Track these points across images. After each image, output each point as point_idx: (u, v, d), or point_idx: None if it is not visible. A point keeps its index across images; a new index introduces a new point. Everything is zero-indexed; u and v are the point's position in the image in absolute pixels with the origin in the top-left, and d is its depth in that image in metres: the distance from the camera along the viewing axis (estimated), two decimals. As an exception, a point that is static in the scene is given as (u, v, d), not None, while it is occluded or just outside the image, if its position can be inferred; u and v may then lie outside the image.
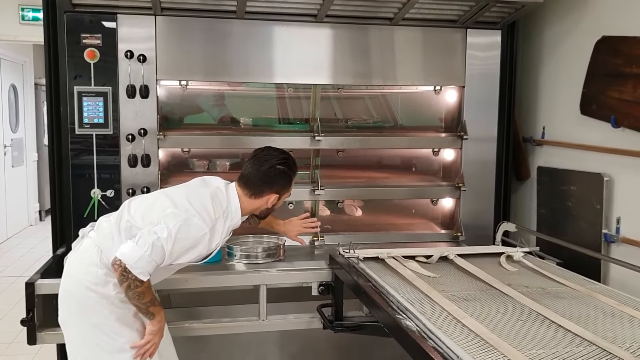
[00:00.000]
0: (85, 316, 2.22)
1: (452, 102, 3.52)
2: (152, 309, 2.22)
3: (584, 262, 2.82)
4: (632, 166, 2.76)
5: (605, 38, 2.93)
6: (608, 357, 1.62)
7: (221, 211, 2.29)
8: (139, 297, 2.15)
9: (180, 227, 2.15)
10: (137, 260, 2.09)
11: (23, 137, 8.04)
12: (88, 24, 2.96)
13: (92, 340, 2.22)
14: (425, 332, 1.81)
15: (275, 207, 2.51)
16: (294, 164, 2.49)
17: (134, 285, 2.12)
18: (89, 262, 2.23)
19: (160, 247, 2.11)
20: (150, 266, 2.11)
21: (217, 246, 2.30)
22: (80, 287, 2.22)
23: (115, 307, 2.22)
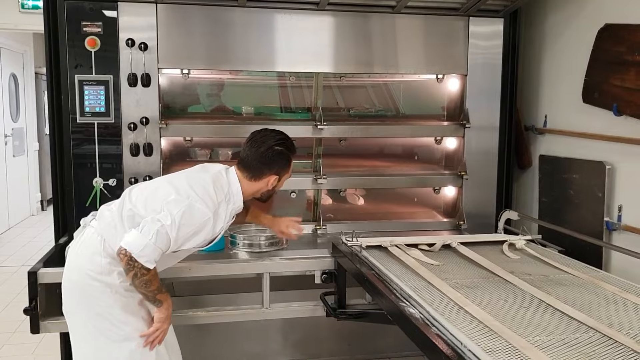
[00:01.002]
0: (90, 305, 2.22)
1: (455, 91, 3.51)
2: (160, 296, 2.21)
3: (586, 250, 2.83)
4: (634, 154, 2.76)
5: (608, 26, 2.91)
6: (610, 343, 1.63)
7: (223, 195, 2.27)
8: (146, 285, 2.14)
9: (184, 213, 2.13)
10: (142, 248, 2.07)
11: (24, 127, 8.01)
12: (88, 11, 2.94)
13: (97, 329, 2.22)
14: (429, 319, 1.82)
15: (277, 188, 2.49)
16: (291, 145, 2.47)
17: (140, 274, 2.11)
18: (92, 251, 2.22)
19: (164, 234, 2.10)
20: (156, 254, 2.11)
21: (222, 230, 2.29)
22: (84, 277, 2.21)
23: (120, 296, 2.21)
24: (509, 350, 1.55)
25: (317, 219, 3.39)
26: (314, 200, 3.49)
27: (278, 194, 3.49)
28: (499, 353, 1.53)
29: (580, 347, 1.59)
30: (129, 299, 2.23)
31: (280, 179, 2.44)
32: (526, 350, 1.54)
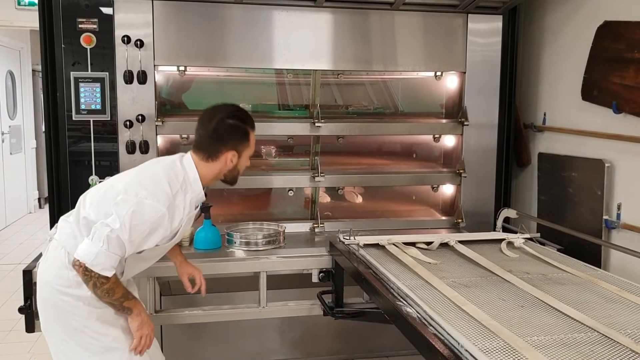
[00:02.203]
0: (66, 321, 2.11)
1: (453, 88, 3.49)
2: (127, 303, 2.10)
3: (585, 248, 2.82)
4: (633, 152, 2.75)
5: (607, 23, 2.90)
6: (608, 343, 1.62)
7: (178, 185, 2.10)
8: (109, 294, 2.04)
9: (134, 213, 1.99)
10: (94, 257, 1.96)
11: (21, 124, 8.00)
12: (84, 8, 2.93)
13: (78, 344, 2.12)
14: (426, 318, 1.81)
15: (241, 167, 2.27)
16: (245, 115, 2.27)
17: (99, 283, 2.00)
18: (58, 265, 2.12)
19: (116, 239, 1.98)
20: (111, 260, 1.99)
21: (182, 223, 2.14)
22: (54, 292, 2.11)
23: (93, 308, 2.11)
24: (506, 350, 1.54)
25: (314, 217, 3.38)
26: (311, 198, 3.47)
27: (276, 192, 3.49)
28: (496, 353, 1.52)
29: (579, 347, 1.58)
30: (103, 309, 2.12)
31: (241, 155, 2.23)
32: (524, 350, 1.53)
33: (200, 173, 2.19)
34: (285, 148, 3.52)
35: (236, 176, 2.29)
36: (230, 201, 3.49)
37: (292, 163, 3.50)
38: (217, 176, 2.25)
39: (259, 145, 3.50)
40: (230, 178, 2.27)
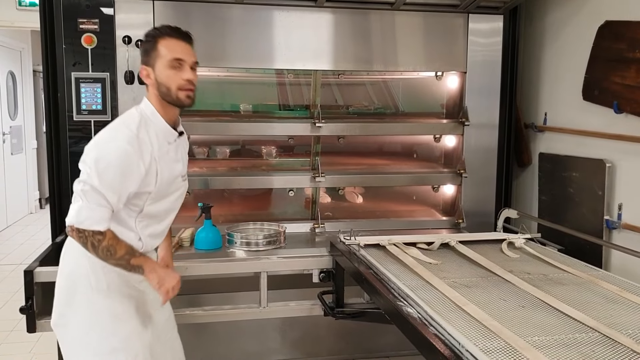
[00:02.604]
0: (77, 314, 2.08)
1: (454, 88, 3.49)
2: (135, 261, 1.98)
3: (586, 249, 2.82)
4: (634, 152, 2.74)
5: (608, 23, 2.89)
6: (609, 343, 1.62)
7: (137, 121, 2.02)
8: (110, 252, 1.93)
9: (97, 160, 1.93)
10: (77, 213, 1.91)
11: (22, 125, 8.00)
12: (85, 9, 2.92)
13: (84, 341, 2.08)
14: (427, 318, 1.81)
15: (163, 79, 2.04)
16: (160, 27, 2.10)
17: (96, 241, 1.91)
18: (75, 256, 2.08)
19: (90, 189, 1.91)
20: (96, 213, 1.91)
21: (156, 157, 2.02)
22: (70, 283, 2.09)
23: (110, 301, 2.06)
24: (507, 350, 1.54)
25: (315, 218, 3.38)
26: (312, 199, 3.47)
27: (276, 193, 3.49)
28: (497, 353, 1.52)
29: (580, 347, 1.58)
30: (119, 304, 2.08)
31: (154, 67, 2.05)
32: (525, 350, 1.53)
33: (151, 101, 2.09)
34: (286, 148, 3.53)
35: (169, 93, 2.05)
36: (230, 201, 3.49)
37: (292, 163, 3.50)
38: (160, 102, 2.08)
39: (258, 145, 3.51)
40: (168, 98, 2.05)
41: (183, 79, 2.04)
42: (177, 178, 2.16)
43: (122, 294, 2.09)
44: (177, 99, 2.05)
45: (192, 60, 2.08)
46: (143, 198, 2.04)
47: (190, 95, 2.07)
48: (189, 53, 2.08)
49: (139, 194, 2.03)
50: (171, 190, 2.14)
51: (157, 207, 2.11)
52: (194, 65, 2.09)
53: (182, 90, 2.05)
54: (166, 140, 2.09)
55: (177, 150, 2.16)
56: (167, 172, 2.08)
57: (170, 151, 2.11)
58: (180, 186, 2.19)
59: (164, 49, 2.04)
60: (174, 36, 2.07)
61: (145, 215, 2.09)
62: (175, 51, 2.04)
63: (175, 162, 2.14)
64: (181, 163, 2.19)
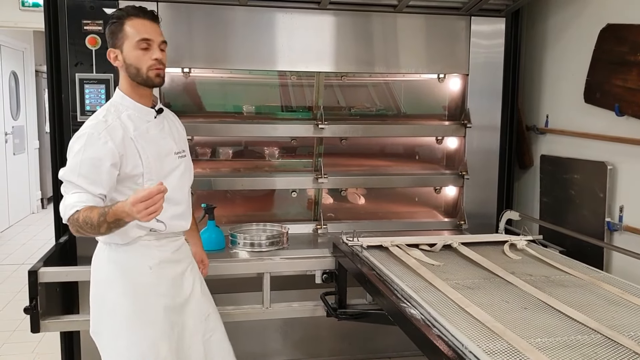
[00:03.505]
0: (110, 321, 2.10)
1: (456, 90, 3.51)
2: (109, 217, 1.83)
3: (587, 251, 2.83)
4: (635, 155, 2.75)
5: (610, 26, 2.90)
6: (611, 345, 1.62)
7: (105, 109, 2.05)
8: (90, 223, 1.85)
9: (68, 154, 1.97)
10: (62, 209, 1.92)
11: (24, 125, 8.01)
12: (89, 10, 2.93)
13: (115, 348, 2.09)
14: (430, 320, 1.82)
15: (132, 60, 2.03)
16: (125, 8, 2.08)
17: (76, 222, 1.87)
18: (99, 257, 2.14)
19: (64, 183, 1.94)
20: (70, 200, 1.90)
21: (132, 136, 2.00)
22: (100, 290, 2.12)
23: (137, 306, 2.07)
24: (510, 351, 1.54)
25: (317, 219, 3.39)
26: (314, 200, 3.48)
27: (279, 194, 3.50)
28: (500, 354, 1.52)
29: (582, 349, 1.59)
30: (148, 309, 2.08)
31: (122, 48, 2.03)
32: (527, 351, 1.53)
33: (124, 90, 2.09)
34: (289, 149, 3.54)
35: (139, 73, 2.03)
36: (233, 202, 3.50)
37: (295, 164, 3.51)
38: (131, 84, 2.07)
39: (261, 146, 3.52)
40: (138, 79, 2.04)
41: (152, 58, 2.03)
42: (170, 155, 2.13)
43: (149, 298, 2.09)
44: (148, 78, 2.04)
45: (160, 39, 2.07)
46: (138, 182, 2.03)
47: (160, 74, 2.06)
48: (157, 32, 2.07)
49: (131, 177, 2.02)
50: (168, 169, 2.11)
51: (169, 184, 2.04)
52: (162, 45, 2.08)
53: (152, 69, 2.03)
54: (144, 120, 2.08)
55: (162, 128, 2.14)
56: (153, 150, 2.06)
57: (151, 129, 2.09)
58: (178, 164, 2.16)
59: (130, 30, 2.02)
60: (140, 16, 2.04)
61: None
62: (142, 31, 2.02)
63: (162, 139, 2.12)
64: (170, 139, 2.16)
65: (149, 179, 2.04)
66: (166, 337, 2.10)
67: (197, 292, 2.25)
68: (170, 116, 2.27)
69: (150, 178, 2.04)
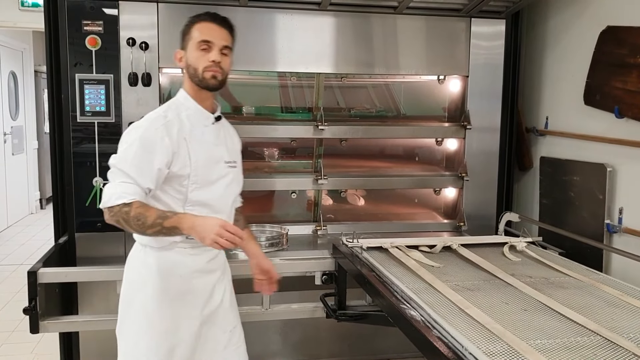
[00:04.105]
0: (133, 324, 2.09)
1: (456, 92, 3.51)
2: (168, 222, 1.86)
3: (586, 252, 2.83)
4: (635, 157, 2.76)
5: (609, 28, 2.91)
6: (611, 346, 1.63)
7: (167, 105, 2.09)
8: (141, 222, 1.85)
9: (122, 143, 1.98)
10: (104, 195, 1.90)
11: (23, 125, 8.01)
12: (89, 10, 2.93)
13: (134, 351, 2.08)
14: (430, 321, 1.82)
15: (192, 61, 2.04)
16: (198, 14, 2.11)
17: (125, 214, 1.86)
18: (134, 256, 2.13)
19: (114, 170, 1.94)
20: (119, 188, 1.88)
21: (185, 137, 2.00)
22: (130, 291, 2.11)
23: (162, 312, 2.06)
24: (509, 353, 1.55)
25: (317, 220, 3.39)
26: (314, 201, 3.49)
27: (279, 195, 3.50)
28: (499, 356, 1.53)
29: (581, 351, 1.59)
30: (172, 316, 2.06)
31: (186, 48, 2.07)
32: (527, 353, 1.54)
33: (187, 92, 2.11)
34: (288, 150, 3.54)
35: (196, 74, 2.04)
36: (233, 203, 3.49)
37: (295, 165, 3.52)
38: (192, 87, 2.08)
39: (261, 147, 3.52)
40: (195, 80, 2.05)
41: (209, 60, 2.02)
42: (220, 163, 2.11)
43: (175, 305, 2.07)
44: (203, 79, 2.03)
45: (223, 44, 2.06)
46: (184, 183, 2.01)
47: (215, 76, 2.04)
48: (221, 37, 2.06)
49: (177, 177, 2.00)
50: (215, 177, 2.09)
51: (205, 195, 2.05)
52: (224, 49, 2.06)
53: (208, 70, 2.03)
54: (201, 123, 2.08)
55: (218, 135, 2.14)
56: (203, 155, 2.05)
57: (207, 134, 2.09)
58: (226, 173, 2.13)
59: (196, 32, 2.05)
60: (209, 20, 2.08)
61: (196, 203, 2.03)
62: (205, 34, 2.04)
63: (215, 145, 2.11)
64: (224, 148, 2.15)
65: (195, 182, 2.02)
66: (186, 347, 2.09)
67: (225, 302, 2.22)
68: (227, 126, 2.26)
69: (196, 182, 2.03)
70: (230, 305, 2.25)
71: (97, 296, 3.10)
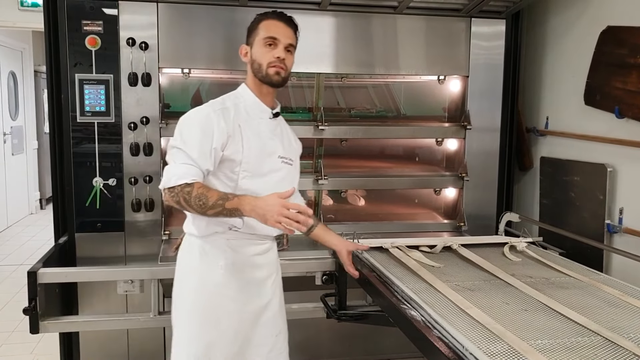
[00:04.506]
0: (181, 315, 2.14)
1: (456, 92, 3.51)
2: (229, 204, 1.88)
3: (587, 253, 2.83)
4: (635, 157, 2.76)
5: (610, 28, 2.91)
6: (611, 347, 1.62)
7: (227, 95, 2.15)
8: (203, 202, 1.88)
9: (180, 124, 2.03)
10: (165, 175, 1.94)
11: (23, 125, 8.00)
12: (89, 10, 2.93)
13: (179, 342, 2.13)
14: (430, 321, 1.81)
15: (257, 57, 2.09)
16: (265, 12, 2.17)
17: (186, 194, 1.89)
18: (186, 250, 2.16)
19: (174, 151, 1.97)
20: (181, 169, 1.92)
21: (240, 126, 2.03)
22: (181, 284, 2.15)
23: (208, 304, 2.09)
24: (510, 353, 1.54)
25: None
26: (314, 201, 3.48)
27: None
28: (500, 356, 1.52)
29: (582, 351, 1.59)
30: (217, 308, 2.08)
31: (252, 44, 2.12)
32: (528, 353, 1.53)
33: (249, 86, 2.16)
34: (288, 151, 3.53)
35: (260, 69, 2.08)
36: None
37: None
38: (254, 82, 2.14)
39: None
40: (259, 75, 2.09)
41: (274, 56, 2.06)
42: (272, 156, 2.12)
43: (214, 297, 2.08)
44: (267, 75, 2.07)
45: (288, 42, 2.10)
46: (235, 170, 2.04)
47: (279, 73, 2.08)
48: (286, 35, 2.10)
49: (229, 162, 2.02)
50: (267, 169, 2.10)
51: (255, 184, 2.06)
52: (289, 47, 2.10)
53: (272, 67, 2.07)
54: (257, 115, 2.12)
55: (274, 130, 2.17)
56: (257, 144, 2.07)
57: (263, 126, 2.12)
58: (279, 168, 2.14)
59: (262, 29, 2.10)
60: (276, 18, 2.13)
61: (244, 192, 2.01)
62: (271, 30, 2.09)
63: (269, 138, 2.13)
64: (279, 143, 2.17)
65: (246, 169, 2.05)
66: (225, 342, 2.09)
67: (275, 305, 2.23)
68: (286, 126, 2.29)
69: (247, 169, 2.05)
70: (279, 308, 2.27)
71: (97, 296, 3.10)
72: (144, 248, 3.06)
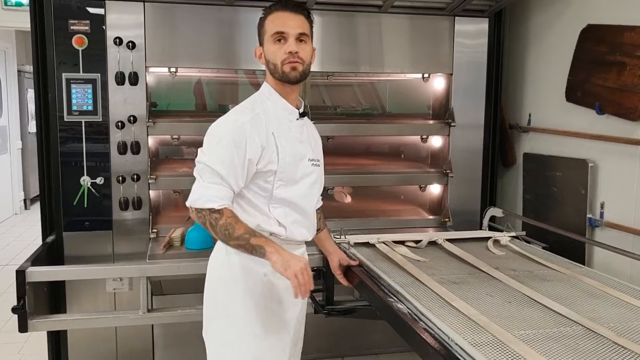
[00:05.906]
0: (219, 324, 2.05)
1: (440, 90, 3.55)
2: (255, 240, 1.81)
3: (569, 246, 2.88)
4: (616, 152, 2.82)
5: (590, 26, 2.97)
6: (592, 336, 1.67)
7: (253, 99, 2.01)
8: (228, 231, 1.81)
9: (210, 137, 1.90)
10: (192, 193, 1.85)
11: (7, 125, 7.90)
12: (76, 9, 2.92)
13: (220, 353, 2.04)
14: (417, 314, 1.85)
15: (270, 55, 1.94)
16: (270, 5, 1.99)
17: (213, 220, 1.82)
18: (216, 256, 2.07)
19: (203, 167, 1.86)
20: (210, 191, 1.83)
21: (271, 134, 1.92)
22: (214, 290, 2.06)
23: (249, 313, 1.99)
24: (495, 343, 1.59)
25: (304, 217, 3.40)
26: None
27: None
28: (485, 346, 1.56)
29: (564, 340, 1.63)
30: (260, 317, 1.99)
31: (263, 43, 1.98)
32: (512, 343, 1.58)
33: (271, 85, 2.01)
34: (275, 148, 3.55)
35: (276, 69, 1.94)
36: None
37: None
38: (275, 82, 1.99)
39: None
40: (276, 75, 1.95)
41: (286, 52, 1.90)
42: (304, 160, 2.03)
43: (260, 307, 1.99)
44: (283, 73, 1.93)
45: (298, 31, 1.92)
46: (269, 180, 1.94)
47: (295, 68, 1.92)
48: (294, 25, 1.92)
49: (263, 173, 1.93)
50: (301, 174, 2.01)
51: (289, 192, 1.98)
52: (301, 37, 1.93)
53: (286, 63, 1.91)
54: (286, 119, 2.00)
55: (302, 132, 2.05)
56: (290, 150, 1.97)
57: (293, 129, 2.01)
58: (311, 171, 2.06)
59: (269, 24, 1.94)
60: (280, 9, 1.95)
61: (280, 201, 1.97)
62: (277, 25, 1.92)
63: (300, 142, 2.02)
64: (308, 145, 2.07)
65: (281, 179, 1.95)
66: (274, 353, 2.02)
67: (303, 312, 2.19)
68: (310, 124, 2.17)
69: (282, 179, 1.95)
70: (303, 316, 2.21)
71: (85, 295, 3.10)
72: (132, 246, 3.06)
